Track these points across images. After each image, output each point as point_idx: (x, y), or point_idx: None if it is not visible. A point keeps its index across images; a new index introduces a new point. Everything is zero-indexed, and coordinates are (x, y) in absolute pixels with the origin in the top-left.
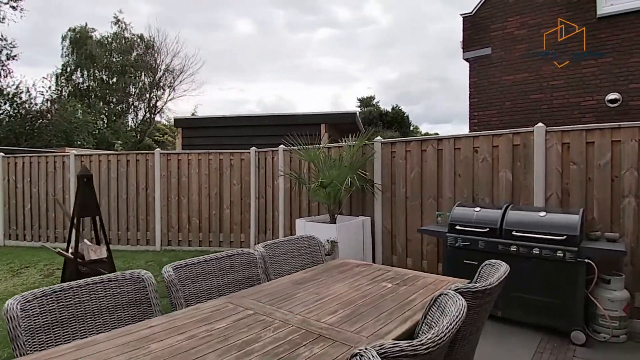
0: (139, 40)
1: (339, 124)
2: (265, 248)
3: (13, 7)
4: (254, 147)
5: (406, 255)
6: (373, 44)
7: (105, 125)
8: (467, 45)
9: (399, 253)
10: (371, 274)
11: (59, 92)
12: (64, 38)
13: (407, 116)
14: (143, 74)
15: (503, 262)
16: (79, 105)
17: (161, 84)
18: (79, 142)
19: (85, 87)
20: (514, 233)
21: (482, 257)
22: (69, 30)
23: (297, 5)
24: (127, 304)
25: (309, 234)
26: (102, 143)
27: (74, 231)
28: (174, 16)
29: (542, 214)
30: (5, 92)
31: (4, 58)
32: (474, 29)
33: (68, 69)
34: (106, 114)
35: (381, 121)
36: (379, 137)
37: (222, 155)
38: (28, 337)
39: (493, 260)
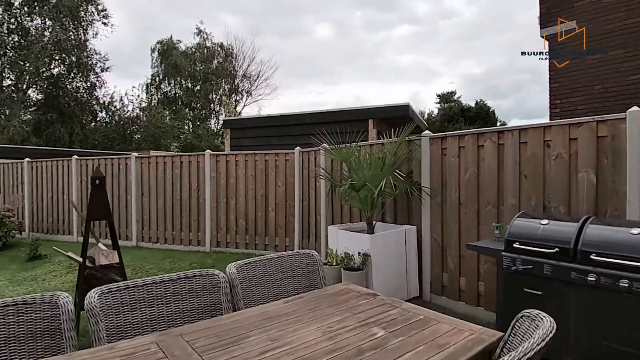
0: (219, 48)
1: (390, 119)
2: (239, 269)
3: (104, 24)
4: (298, 147)
5: (459, 274)
6: (455, 37)
7: (191, 129)
8: (545, 21)
9: (451, 270)
10: (368, 310)
11: (149, 100)
12: (153, 50)
13: (493, 111)
14: (223, 80)
15: (546, 316)
16: (167, 112)
17: (239, 89)
18: (165, 145)
19: (172, 95)
20: (593, 257)
21: (548, 286)
22: (157, 42)
23: (375, 4)
24: (41, 334)
25: (343, 243)
26: (186, 146)
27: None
28: (256, 25)
29: (637, 230)
30: (101, 102)
31: (98, 70)
32: (553, 0)
33: (157, 79)
34: (191, 119)
35: (463, 117)
36: (426, 132)
37: (267, 156)
38: None
39: (534, 312)
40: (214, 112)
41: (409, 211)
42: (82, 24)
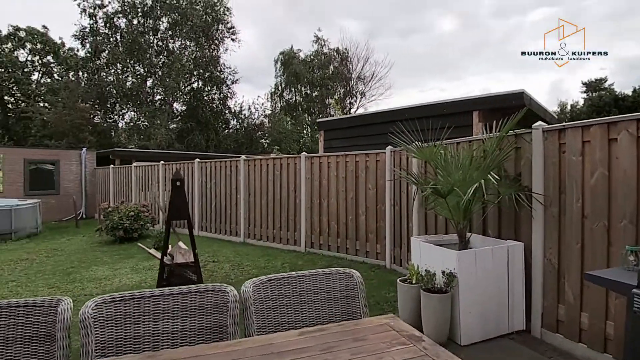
0: (335, 54)
1: (499, 110)
2: (256, 288)
3: (233, 40)
4: (389, 147)
5: (580, 308)
6: (607, 16)
7: (309, 134)
8: None
9: (569, 303)
10: None
11: (273, 107)
12: (276, 61)
13: None
14: (338, 84)
15: None
16: (287, 118)
17: (353, 91)
18: (287, 149)
19: (292, 102)
20: None
21: None
22: (280, 53)
23: None
24: (31, 339)
25: (426, 258)
26: (306, 150)
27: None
28: (374, 26)
29: None
30: (232, 111)
31: (229, 83)
32: None
33: (279, 87)
34: (309, 123)
35: (616, 108)
36: (539, 122)
37: (357, 157)
38: None
39: None
40: (329, 116)
41: (516, 224)
42: (215, 41)
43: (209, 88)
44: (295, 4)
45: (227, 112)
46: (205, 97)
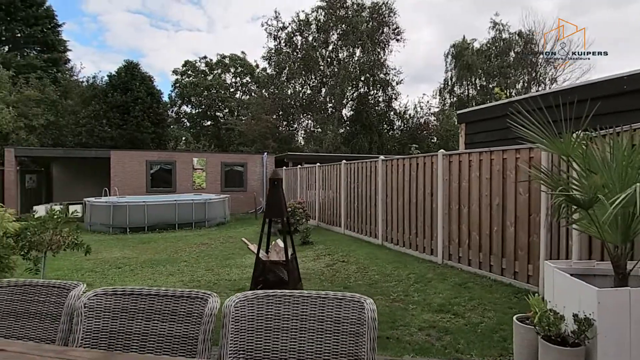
0: (516, 37)
1: None
2: (240, 304)
3: (397, 40)
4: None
5: None
6: None
7: None
8: None
9: None
10: None
11: (441, 104)
12: (446, 55)
13: None
14: (521, 72)
15: None
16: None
17: (540, 78)
18: (453, 147)
19: (465, 96)
20: None
21: None
22: (451, 46)
23: None
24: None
25: (559, 292)
26: None
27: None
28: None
29: None
30: (397, 112)
31: (394, 84)
32: None
33: (449, 82)
34: None
35: None
36: None
37: (505, 154)
38: None
39: None
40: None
41: None
42: (380, 44)
43: (375, 91)
44: None
45: (391, 113)
46: (370, 101)
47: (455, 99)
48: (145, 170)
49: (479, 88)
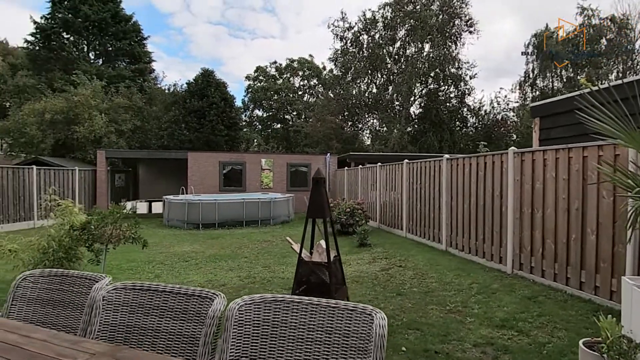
0: (608, 23)
1: None
2: (245, 307)
3: (470, 32)
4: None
5: None
6: None
7: None
8: None
9: None
10: None
11: (521, 99)
12: (527, 45)
13: None
14: (614, 60)
15: None
16: None
17: (638, 66)
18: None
19: (548, 89)
20: None
21: None
22: (532, 36)
23: None
24: (74, 304)
25: (637, 315)
26: None
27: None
28: None
29: None
30: (471, 108)
31: (467, 78)
32: None
33: (530, 75)
34: None
35: None
36: None
37: (586, 151)
38: None
39: None
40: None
41: None
42: (451, 37)
43: (446, 87)
44: None
45: (464, 109)
46: (440, 97)
47: (537, 92)
48: (219, 170)
49: (565, 80)
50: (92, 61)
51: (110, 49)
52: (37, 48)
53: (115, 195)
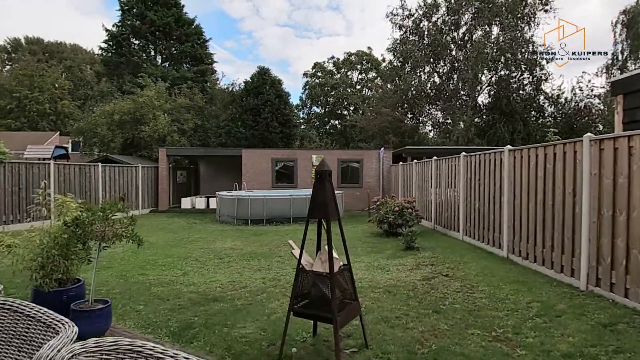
0: None
1: None
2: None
3: (545, 11)
4: None
5: None
6: None
7: None
8: None
9: None
10: None
11: (609, 84)
12: (614, 24)
13: None
14: None
15: None
16: None
17: None
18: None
19: None
20: None
21: None
22: (621, 13)
23: None
24: None
25: None
26: None
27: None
28: None
29: None
30: (549, 95)
31: (544, 63)
32: None
33: (619, 57)
34: None
35: None
36: None
37: None
38: None
39: None
40: None
41: None
42: (524, 19)
43: (518, 73)
44: None
45: (541, 97)
46: (512, 85)
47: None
48: (271, 167)
49: None
50: (158, 64)
51: (175, 52)
52: (110, 54)
53: (178, 191)
